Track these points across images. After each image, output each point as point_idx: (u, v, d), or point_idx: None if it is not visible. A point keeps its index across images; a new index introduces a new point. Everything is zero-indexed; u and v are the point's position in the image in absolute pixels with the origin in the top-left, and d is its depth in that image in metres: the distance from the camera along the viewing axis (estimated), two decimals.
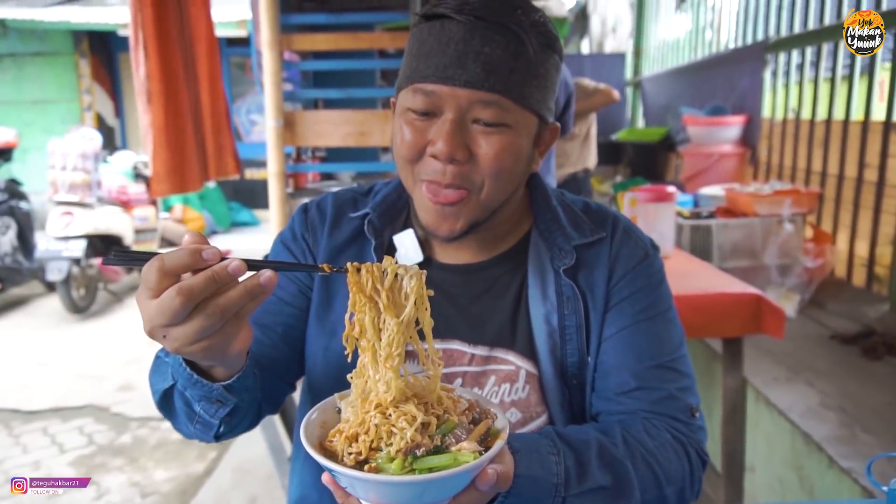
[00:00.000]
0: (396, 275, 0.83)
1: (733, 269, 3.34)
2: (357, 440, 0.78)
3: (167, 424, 4.03)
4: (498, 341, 1.12)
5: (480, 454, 0.75)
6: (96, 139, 6.52)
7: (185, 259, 0.72)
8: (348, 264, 0.82)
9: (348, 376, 0.84)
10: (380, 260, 0.87)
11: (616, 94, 5.13)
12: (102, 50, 10.64)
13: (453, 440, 0.78)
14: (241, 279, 0.75)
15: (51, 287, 6.52)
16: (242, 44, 6.95)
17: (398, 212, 1.19)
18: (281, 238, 1.25)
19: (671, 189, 3.06)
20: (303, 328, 1.18)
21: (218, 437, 1.01)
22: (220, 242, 8.69)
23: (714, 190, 4.00)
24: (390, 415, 0.78)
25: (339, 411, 0.86)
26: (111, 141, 10.41)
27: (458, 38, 0.98)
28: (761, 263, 3.52)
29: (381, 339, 0.82)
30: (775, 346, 3.02)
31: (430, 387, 0.84)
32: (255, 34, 4.56)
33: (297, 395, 1.29)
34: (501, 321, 1.12)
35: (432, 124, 1.01)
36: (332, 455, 0.78)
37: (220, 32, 4.15)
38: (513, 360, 1.11)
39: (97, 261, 6.22)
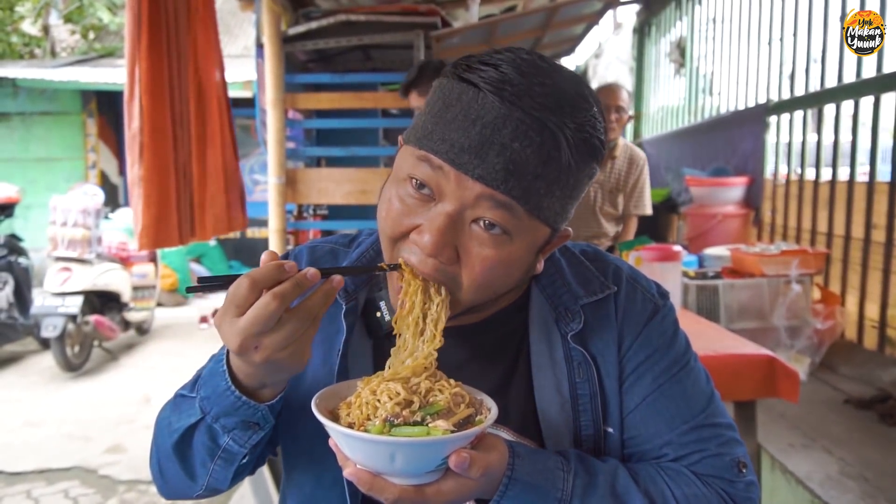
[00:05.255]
0: None
1: (741, 330, 3.26)
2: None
3: (156, 489, 3.89)
4: None
5: (452, 433, 0.79)
6: (98, 196, 6.53)
7: (272, 272, 0.79)
8: (400, 260, 0.90)
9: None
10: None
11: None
12: (110, 109, 10.81)
13: (434, 420, 0.82)
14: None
15: (45, 344, 6.39)
16: (247, 104, 7.03)
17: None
18: None
19: (677, 248, 3.02)
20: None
21: (234, 478, 1.00)
22: (220, 300, 8.62)
23: (719, 250, 3.96)
24: (376, 391, 0.86)
25: None
26: (114, 198, 10.46)
27: (488, 121, 0.83)
28: (770, 325, 3.44)
29: (425, 317, 0.91)
30: (788, 410, 2.92)
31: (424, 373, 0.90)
32: (260, 93, 4.61)
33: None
34: (490, 391, 0.94)
35: (427, 207, 0.87)
36: (335, 420, 0.84)
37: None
38: (505, 438, 0.95)
39: (93, 317, 6.13)
